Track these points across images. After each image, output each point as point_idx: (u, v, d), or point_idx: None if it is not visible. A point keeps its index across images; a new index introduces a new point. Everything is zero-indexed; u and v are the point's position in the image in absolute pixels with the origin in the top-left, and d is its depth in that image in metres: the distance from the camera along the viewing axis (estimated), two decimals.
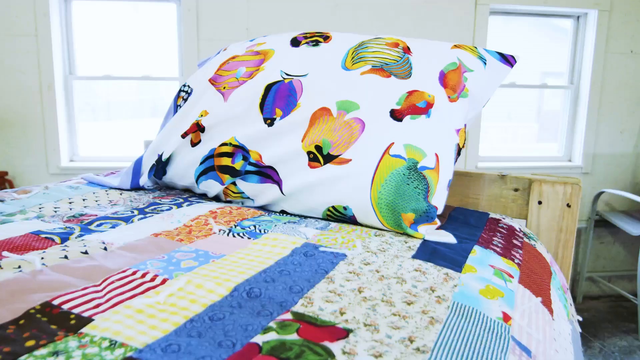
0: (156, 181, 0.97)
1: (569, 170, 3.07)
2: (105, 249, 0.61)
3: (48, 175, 2.58)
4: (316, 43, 0.91)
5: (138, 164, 0.94)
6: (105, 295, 0.48)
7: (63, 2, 2.62)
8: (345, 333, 0.44)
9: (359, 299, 0.51)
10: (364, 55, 0.85)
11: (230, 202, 0.91)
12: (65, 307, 0.45)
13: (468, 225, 0.85)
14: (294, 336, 0.42)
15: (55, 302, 0.46)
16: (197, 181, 0.88)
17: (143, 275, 0.53)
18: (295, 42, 0.93)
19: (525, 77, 3.09)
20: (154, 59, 2.78)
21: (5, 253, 0.56)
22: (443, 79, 0.82)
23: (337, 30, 2.66)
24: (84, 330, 0.42)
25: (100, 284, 0.50)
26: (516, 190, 0.99)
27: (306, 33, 0.94)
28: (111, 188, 0.95)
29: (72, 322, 0.43)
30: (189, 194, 0.96)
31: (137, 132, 2.88)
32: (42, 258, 0.55)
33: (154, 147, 0.91)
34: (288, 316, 0.46)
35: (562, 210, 0.95)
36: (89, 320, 0.43)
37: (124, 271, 0.53)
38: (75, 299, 0.47)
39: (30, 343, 0.39)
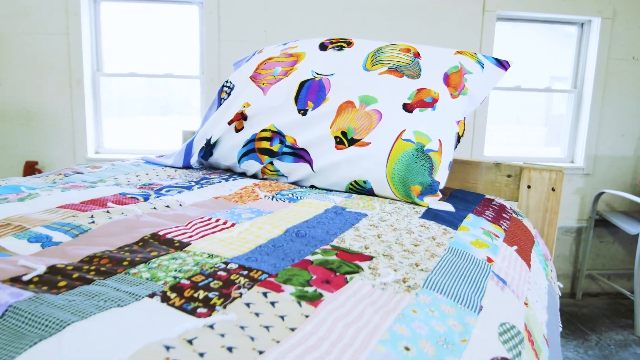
0: (201, 162, 1.15)
1: (571, 171, 3.22)
2: (180, 205, 0.79)
3: (75, 166, 2.77)
4: (341, 47, 1.09)
5: (189, 147, 1.12)
6: (193, 231, 0.66)
7: (92, 2, 2.81)
8: (369, 258, 0.62)
9: (379, 241, 0.68)
10: (381, 58, 1.03)
11: (265, 179, 1.09)
12: (168, 236, 0.64)
13: (466, 201, 1.02)
14: (333, 257, 0.60)
15: (160, 233, 0.64)
16: (239, 161, 1.06)
17: (217, 221, 0.71)
18: (322, 47, 1.11)
19: (534, 81, 3.23)
20: (176, 58, 2.97)
21: (109, 204, 0.74)
22: (447, 79, 1.00)
23: (349, 32, 2.84)
24: (187, 249, 0.60)
25: (187, 225, 0.68)
26: (509, 176, 1.17)
27: (332, 39, 1.12)
28: (166, 166, 1.14)
29: (177, 244, 0.61)
30: (231, 173, 1.14)
31: (150, 128, 3.04)
32: (138, 208, 0.73)
33: (203, 133, 1.09)
34: (328, 247, 0.64)
35: (547, 193, 1.12)
36: (187, 244, 0.61)
37: (201, 218, 0.72)
38: (172, 232, 0.65)
39: (154, 253, 0.57)
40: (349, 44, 1.09)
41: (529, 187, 1.13)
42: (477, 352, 0.46)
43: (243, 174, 1.11)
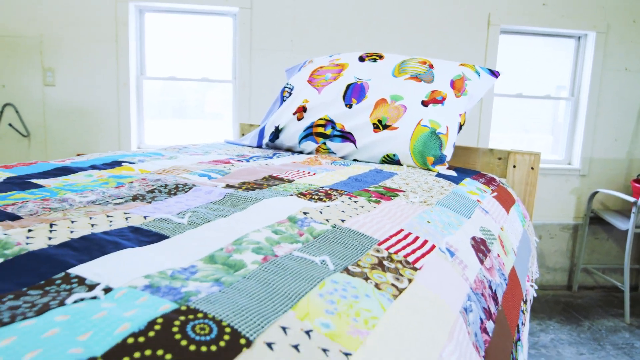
0: (268, 144, 1.58)
1: (568, 172, 3.62)
2: (273, 164, 1.21)
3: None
4: (374, 60, 1.51)
5: (261, 132, 1.55)
6: (292, 176, 1.09)
7: (138, 13, 3.27)
8: (403, 191, 1.03)
9: (407, 186, 1.10)
10: (405, 68, 1.45)
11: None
12: (279, 176, 1.06)
13: (465, 173, 1.43)
14: (381, 189, 1.02)
15: (273, 175, 1.07)
16: (299, 142, 1.47)
17: (303, 172, 1.13)
18: (361, 59, 1.54)
19: (539, 89, 3.45)
20: (211, 64, 3.40)
21: (230, 159, 1.17)
22: (452, 84, 1.43)
23: (369, 44, 3.27)
24: (293, 182, 1.02)
25: (286, 172, 1.10)
26: (499, 159, 1.58)
27: (367, 53, 1.55)
28: (243, 146, 1.57)
29: (286, 180, 1.03)
30: (291, 152, 1.57)
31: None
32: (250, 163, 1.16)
33: (272, 121, 1.52)
34: (377, 185, 1.06)
35: (528, 171, 1.53)
36: (292, 180, 1.03)
37: (294, 170, 1.14)
38: (279, 175, 1.07)
39: (277, 183, 1.00)
40: (381, 57, 1.52)
41: (514, 166, 1.54)
42: (466, 231, 0.88)
43: (300, 152, 1.53)
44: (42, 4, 3.04)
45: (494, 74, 1.49)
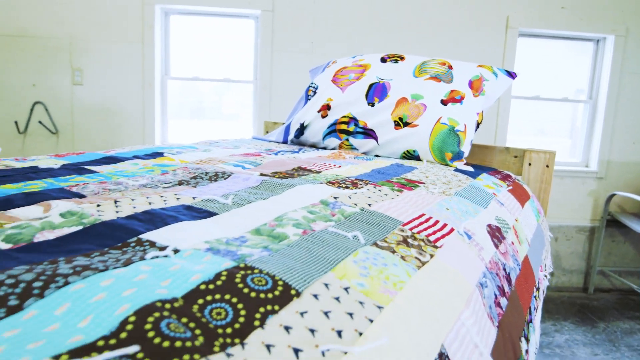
0: (293, 140, 1.66)
1: (585, 174, 3.64)
2: (300, 157, 1.29)
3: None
4: (396, 61, 1.59)
5: (287, 129, 1.63)
6: (319, 168, 1.17)
7: (164, 15, 3.38)
8: (423, 182, 1.11)
9: (427, 178, 1.18)
10: (425, 69, 1.53)
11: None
12: (307, 167, 1.14)
13: (482, 169, 1.51)
14: (403, 180, 1.10)
15: (302, 166, 1.15)
16: (323, 138, 1.55)
17: (329, 165, 1.21)
18: (383, 60, 1.61)
19: (558, 92, 3.50)
20: (232, 65, 3.50)
21: (260, 153, 1.25)
22: (471, 84, 1.50)
23: (387, 47, 3.34)
24: (321, 173, 1.10)
25: (313, 164, 1.18)
26: (515, 157, 1.64)
27: (389, 54, 1.62)
28: (270, 141, 1.65)
29: (314, 171, 1.12)
30: (315, 148, 1.65)
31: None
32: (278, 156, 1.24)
33: (297, 118, 1.60)
34: (399, 177, 1.14)
35: (543, 169, 1.59)
36: (320, 171, 1.12)
37: (320, 162, 1.22)
38: (307, 167, 1.15)
39: (305, 173, 1.08)
40: (402, 58, 1.59)
41: (529, 164, 1.60)
42: (482, 219, 0.95)
43: (323, 148, 1.61)
44: (71, 6, 3.17)
45: (511, 75, 1.55)
